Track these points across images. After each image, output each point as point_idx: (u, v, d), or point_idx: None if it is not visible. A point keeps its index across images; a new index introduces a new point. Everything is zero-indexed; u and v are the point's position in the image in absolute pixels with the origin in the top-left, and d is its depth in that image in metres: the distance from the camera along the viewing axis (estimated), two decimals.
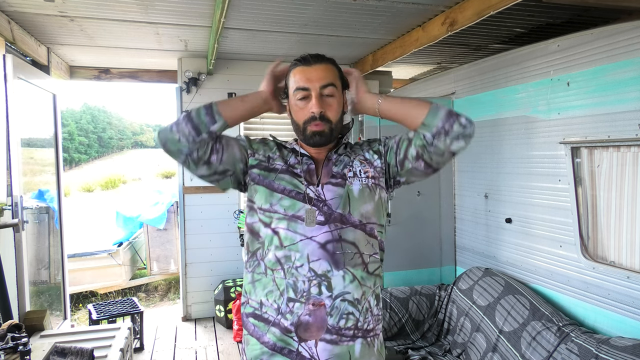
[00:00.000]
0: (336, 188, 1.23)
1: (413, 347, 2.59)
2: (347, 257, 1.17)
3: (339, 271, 1.16)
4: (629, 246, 1.99)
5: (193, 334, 3.88)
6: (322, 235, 1.17)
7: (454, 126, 1.13)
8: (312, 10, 2.76)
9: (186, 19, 2.92)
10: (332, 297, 1.15)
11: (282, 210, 1.20)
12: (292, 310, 1.15)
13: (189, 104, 4.05)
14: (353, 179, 1.24)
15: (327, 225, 1.18)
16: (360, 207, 1.22)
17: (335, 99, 1.24)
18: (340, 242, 1.18)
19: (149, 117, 68.70)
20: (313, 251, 1.16)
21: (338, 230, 1.18)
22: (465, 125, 1.14)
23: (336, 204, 1.20)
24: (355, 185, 1.23)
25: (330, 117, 1.22)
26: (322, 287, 1.15)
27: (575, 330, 2.03)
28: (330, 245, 1.17)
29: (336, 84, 1.24)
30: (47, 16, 2.83)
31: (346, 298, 1.16)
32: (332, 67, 1.26)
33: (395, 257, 3.12)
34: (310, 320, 1.14)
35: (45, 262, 3.46)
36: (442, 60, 4.08)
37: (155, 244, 5.32)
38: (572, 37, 2.18)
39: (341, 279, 1.16)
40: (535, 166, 2.45)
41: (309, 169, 1.26)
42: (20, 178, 2.73)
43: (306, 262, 1.16)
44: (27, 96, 3.03)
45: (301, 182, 1.23)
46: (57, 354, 2.14)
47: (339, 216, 1.19)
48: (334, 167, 1.26)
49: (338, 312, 1.15)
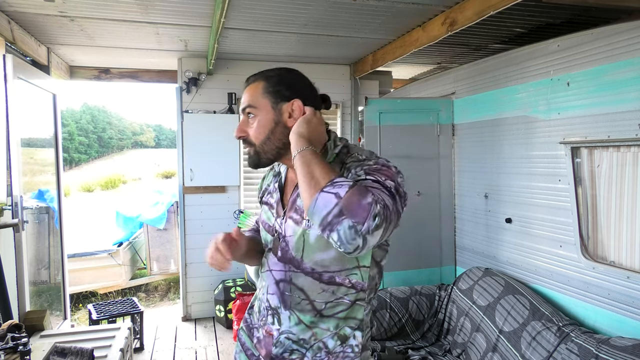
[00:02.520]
0: (294, 226, 1.12)
1: (413, 347, 2.59)
2: (294, 301, 1.14)
3: (285, 311, 1.15)
4: (629, 246, 1.99)
5: (193, 334, 3.88)
6: (278, 272, 1.17)
7: (328, 237, 0.92)
8: (312, 10, 2.76)
9: (186, 19, 2.92)
10: (279, 331, 1.17)
11: (264, 242, 1.26)
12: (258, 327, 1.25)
13: (189, 104, 4.05)
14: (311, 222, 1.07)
15: (283, 264, 1.15)
16: (314, 255, 1.09)
17: (257, 119, 1.14)
18: (290, 284, 1.14)
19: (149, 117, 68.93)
20: (270, 284, 1.19)
21: (290, 273, 1.14)
22: (337, 244, 0.91)
23: (291, 244, 1.13)
24: (314, 230, 1.07)
25: (252, 140, 1.16)
26: (274, 319, 1.18)
27: (575, 330, 2.03)
28: (282, 285, 1.16)
29: (257, 103, 1.14)
30: (47, 16, 2.83)
31: (290, 337, 1.15)
32: (259, 83, 1.16)
33: (395, 257, 3.11)
34: (262, 343, 1.21)
35: (45, 262, 3.46)
36: (442, 60, 4.08)
37: (155, 244, 5.32)
38: (572, 37, 2.18)
39: (287, 319, 1.15)
40: (535, 166, 2.45)
41: (277, 199, 1.22)
42: (20, 178, 2.73)
43: (266, 292, 1.20)
44: (27, 96, 3.03)
45: (272, 214, 1.22)
46: (57, 354, 2.14)
47: (291, 258, 1.13)
48: (298, 200, 1.12)
49: (282, 346, 1.16)
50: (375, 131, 3.05)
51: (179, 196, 4.12)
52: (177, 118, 4.06)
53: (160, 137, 49.33)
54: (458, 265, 3.23)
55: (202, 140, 4.05)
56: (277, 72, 1.19)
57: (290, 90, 1.15)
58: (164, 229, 5.28)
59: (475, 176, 2.97)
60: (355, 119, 4.41)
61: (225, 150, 4.09)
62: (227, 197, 4.16)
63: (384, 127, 3.06)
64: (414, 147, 3.12)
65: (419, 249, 3.20)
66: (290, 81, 1.17)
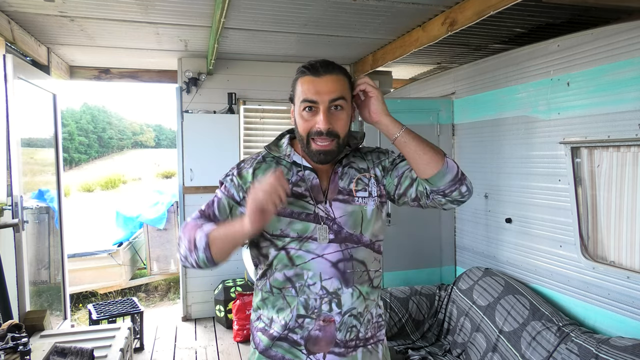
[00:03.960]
0: (344, 205, 1.20)
1: (413, 347, 2.59)
2: (356, 275, 1.19)
3: (348, 289, 1.17)
4: (629, 246, 1.99)
5: (193, 334, 3.88)
6: (334, 254, 1.17)
7: (454, 193, 1.17)
8: (312, 10, 2.76)
9: (186, 19, 2.92)
10: (341, 314, 1.17)
11: (294, 234, 1.17)
12: (302, 326, 1.17)
13: (189, 104, 4.05)
14: (368, 199, 1.22)
15: (338, 244, 1.17)
16: (372, 227, 1.21)
17: (345, 112, 1.17)
18: (352, 261, 1.18)
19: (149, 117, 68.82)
20: (325, 269, 1.16)
21: (349, 250, 1.18)
22: (464, 195, 1.18)
23: (345, 222, 1.19)
24: (370, 206, 1.22)
25: (338, 132, 1.16)
26: (333, 304, 1.17)
27: (575, 330, 2.03)
28: (341, 264, 1.17)
29: (346, 96, 1.17)
30: (47, 16, 2.83)
31: (352, 313, 1.18)
32: (343, 77, 1.19)
33: (395, 257, 3.12)
34: (320, 335, 1.17)
35: (45, 262, 3.46)
36: (442, 60, 4.08)
37: (155, 244, 5.32)
38: (572, 37, 2.18)
39: (349, 296, 1.17)
40: (535, 166, 2.45)
41: (312, 185, 1.20)
42: (20, 178, 2.73)
43: (319, 281, 1.16)
44: (27, 96, 3.03)
45: (308, 202, 1.18)
46: (57, 354, 2.14)
47: (349, 235, 1.18)
48: (340, 182, 1.22)
49: (346, 327, 1.18)
50: (375, 131, 3.04)
51: (179, 196, 4.12)
52: (177, 118, 4.06)
53: (160, 137, 49.32)
54: (458, 265, 3.23)
55: (202, 140, 4.05)
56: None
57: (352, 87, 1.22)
58: (164, 229, 5.28)
59: (475, 176, 2.96)
60: (355, 119, 4.40)
61: (225, 150, 4.09)
62: None
63: None
64: None
65: (419, 249, 3.20)
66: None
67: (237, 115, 4.12)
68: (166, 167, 28.95)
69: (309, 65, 1.17)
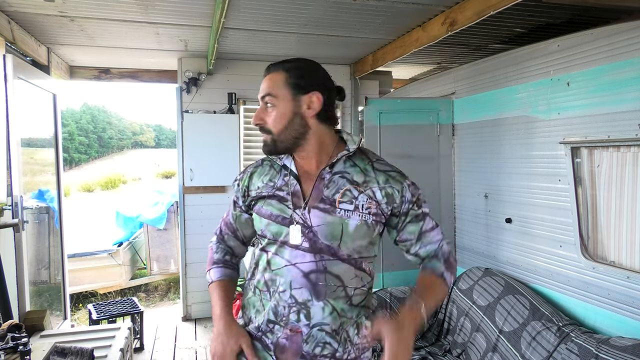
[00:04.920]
0: (324, 215, 1.15)
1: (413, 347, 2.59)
2: (329, 289, 1.15)
3: (319, 302, 1.14)
4: (629, 246, 1.99)
5: (193, 334, 3.88)
6: (306, 264, 1.15)
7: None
8: (312, 10, 2.76)
9: (186, 19, 2.92)
10: (309, 326, 1.15)
11: (270, 236, 1.19)
12: (272, 331, 1.18)
13: (189, 104, 4.05)
14: (351, 213, 1.15)
15: (313, 254, 1.14)
16: (353, 242, 1.16)
17: (276, 108, 1.17)
18: (325, 274, 1.14)
19: (149, 117, 68.93)
20: (296, 278, 1.15)
21: (324, 262, 1.15)
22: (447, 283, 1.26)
23: (322, 232, 1.14)
24: (353, 220, 1.15)
25: (269, 128, 1.18)
26: (301, 315, 1.15)
27: (575, 330, 2.03)
28: (313, 275, 1.14)
29: (277, 93, 1.17)
30: (47, 16, 2.83)
31: (323, 328, 1.15)
32: (280, 74, 1.18)
33: (395, 257, 3.11)
34: (287, 344, 1.16)
35: (45, 262, 3.46)
36: (442, 60, 4.08)
37: (155, 244, 5.32)
38: (572, 37, 2.18)
39: (320, 310, 1.14)
40: (535, 166, 2.45)
41: (294, 190, 1.19)
42: (20, 178, 2.73)
43: (288, 289, 1.15)
44: (27, 96, 3.03)
45: (287, 207, 1.18)
46: (57, 354, 2.14)
47: (325, 247, 1.15)
48: (325, 190, 1.17)
49: (314, 340, 1.15)
50: (375, 131, 3.05)
51: (179, 196, 4.12)
52: (177, 118, 4.06)
53: (160, 137, 49.32)
54: (458, 265, 3.22)
55: (202, 140, 4.05)
56: (298, 63, 1.21)
57: (310, 82, 1.18)
58: (164, 229, 5.28)
59: (475, 176, 2.97)
60: (355, 119, 4.41)
61: (225, 150, 4.09)
62: (227, 197, 4.16)
63: (384, 127, 3.06)
64: (414, 147, 3.12)
65: None
66: (310, 73, 1.20)
67: (237, 115, 4.12)
68: (166, 167, 28.97)
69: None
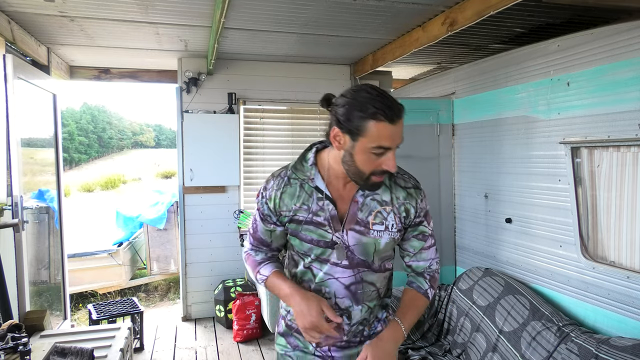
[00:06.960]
0: (359, 236, 1.29)
1: (413, 347, 2.59)
2: (366, 295, 1.34)
3: (358, 306, 1.34)
4: (629, 246, 1.99)
5: (193, 334, 3.88)
6: (347, 278, 1.31)
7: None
8: (312, 10, 2.76)
9: (186, 19, 2.92)
10: (350, 324, 1.35)
11: (313, 256, 1.33)
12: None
13: (189, 104, 4.05)
14: (383, 233, 1.30)
15: (352, 269, 1.31)
16: (383, 255, 1.34)
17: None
18: (362, 284, 1.33)
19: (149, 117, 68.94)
20: (339, 290, 1.32)
21: (361, 274, 1.32)
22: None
23: (358, 251, 1.30)
24: (384, 239, 1.31)
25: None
26: (344, 317, 1.33)
27: (575, 330, 2.03)
28: (353, 287, 1.32)
29: None
30: (47, 16, 2.83)
31: (362, 323, 1.37)
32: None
33: (395, 257, 3.11)
34: (329, 339, 1.33)
35: (45, 262, 3.46)
36: (442, 60, 4.08)
37: (155, 244, 5.32)
38: (572, 37, 2.18)
39: (359, 312, 1.34)
40: (535, 166, 2.45)
41: (331, 215, 1.28)
42: (20, 178, 2.73)
43: (333, 297, 1.33)
44: (27, 96, 3.03)
45: (326, 231, 1.29)
46: (57, 354, 2.14)
47: (361, 261, 1.31)
48: (359, 213, 1.29)
49: (353, 333, 1.37)
50: None
51: (179, 196, 4.12)
52: (177, 118, 4.06)
53: (160, 137, 49.29)
54: (458, 265, 3.23)
55: (202, 140, 4.05)
56: None
57: None
58: (164, 229, 5.28)
59: (475, 176, 2.97)
60: None
61: (225, 150, 4.09)
62: (227, 197, 4.16)
63: None
64: (414, 147, 3.12)
65: None
66: None
67: (237, 115, 4.12)
68: (166, 167, 28.95)
69: (386, 109, 1.13)
